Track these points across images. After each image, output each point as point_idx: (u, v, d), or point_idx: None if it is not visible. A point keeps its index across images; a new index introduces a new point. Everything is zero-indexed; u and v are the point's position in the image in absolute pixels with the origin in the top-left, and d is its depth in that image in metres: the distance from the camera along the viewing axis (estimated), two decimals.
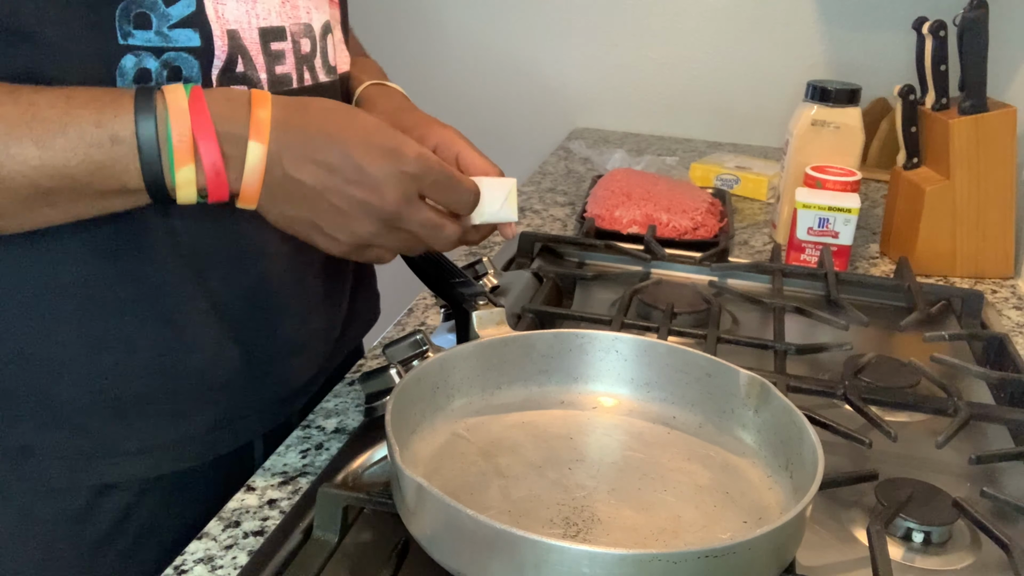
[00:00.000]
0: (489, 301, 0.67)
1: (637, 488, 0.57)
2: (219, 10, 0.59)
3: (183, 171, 0.53)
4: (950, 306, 0.97)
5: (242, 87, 0.61)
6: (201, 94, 0.54)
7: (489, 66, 1.78)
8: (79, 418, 0.63)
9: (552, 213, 1.26)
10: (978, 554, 0.59)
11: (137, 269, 0.61)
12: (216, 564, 0.56)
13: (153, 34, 0.57)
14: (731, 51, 1.64)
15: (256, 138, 0.54)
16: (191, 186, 0.54)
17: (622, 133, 1.74)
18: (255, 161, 0.54)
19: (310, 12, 0.68)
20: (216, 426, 0.68)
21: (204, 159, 0.53)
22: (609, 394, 0.65)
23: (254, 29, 0.62)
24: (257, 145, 0.54)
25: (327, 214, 0.56)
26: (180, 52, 0.58)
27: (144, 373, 0.63)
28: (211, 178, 0.53)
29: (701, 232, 1.12)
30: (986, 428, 0.74)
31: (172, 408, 0.66)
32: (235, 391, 0.68)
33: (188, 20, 0.58)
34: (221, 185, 0.54)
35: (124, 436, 0.64)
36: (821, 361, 0.84)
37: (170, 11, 0.57)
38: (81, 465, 0.64)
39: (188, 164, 0.53)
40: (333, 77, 0.72)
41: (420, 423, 0.59)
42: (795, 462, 0.56)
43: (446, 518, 0.46)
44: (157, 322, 0.63)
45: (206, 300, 0.65)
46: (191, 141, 0.53)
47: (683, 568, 0.44)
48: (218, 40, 0.60)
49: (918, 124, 1.12)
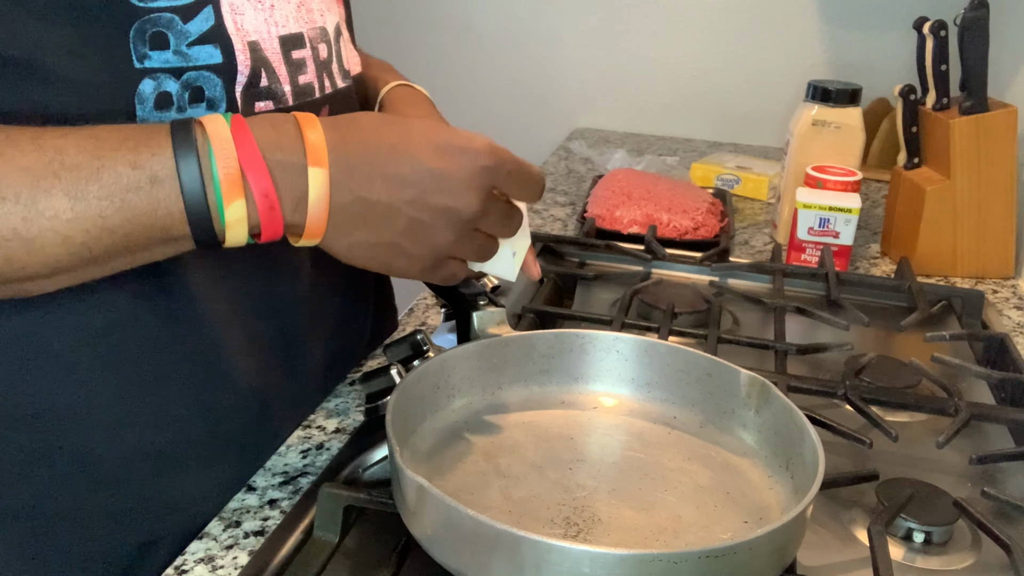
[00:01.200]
0: (490, 301, 0.67)
1: (638, 488, 0.57)
2: (238, 21, 0.55)
3: (233, 207, 0.48)
4: (951, 306, 0.97)
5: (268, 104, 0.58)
6: (243, 121, 0.49)
7: (489, 66, 1.78)
8: (119, 473, 0.58)
9: (552, 213, 1.26)
10: (979, 554, 0.59)
11: (171, 307, 0.57)
12: (216, 564, 0.55)
13: (171, 54, 0.52)
14: (731, 51, 1.64)
15: (315, 163, 0.49)
16: (242, 224, 0.49)
17: (622, 133, 1.74)
18: (319, 189, 0.49)
19: (324, 15, 0.64)
20: (257, 462, 0.65)
21: (255, 191, 0.48)
22: (610, 394, 0.65)
23: (274, 38, 0.58)
24: (318, 171, 0.49)
25: (407, 230, 0.53)
26: (201, 71, 0.54)
27: (183, 416, 0.60)
28: (264, 212, 0.49)
29: (702, 232, 1.12)
30: (987, 428, 0.74)
31: (213, 451, 0.62)
32: (268, 423, 0.66)
33: (207, 35, 0.53)
34: (275, 220, 0.49)
35: (166, 487, 0.60)
36: (822, 361, 0.84)
37: (188, 27, 0.53)
38: (123, 524, 0.60)
39: (238, 199, 0.48)
40: (348, 82, 0.69)
41: (420, 423, 0.59)
42: (796, 462, 0.56)
43: (446, 518, 0.46)
44: (192, 362, 0.59)
45: (241, 333, 0.61)
46: (239, 173, 0.48)
47: (684, 568, 0.43)
48: (240, 55, 0.55)
49: (919, 124, 1.11)
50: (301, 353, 0.68)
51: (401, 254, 0.54)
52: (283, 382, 0.66)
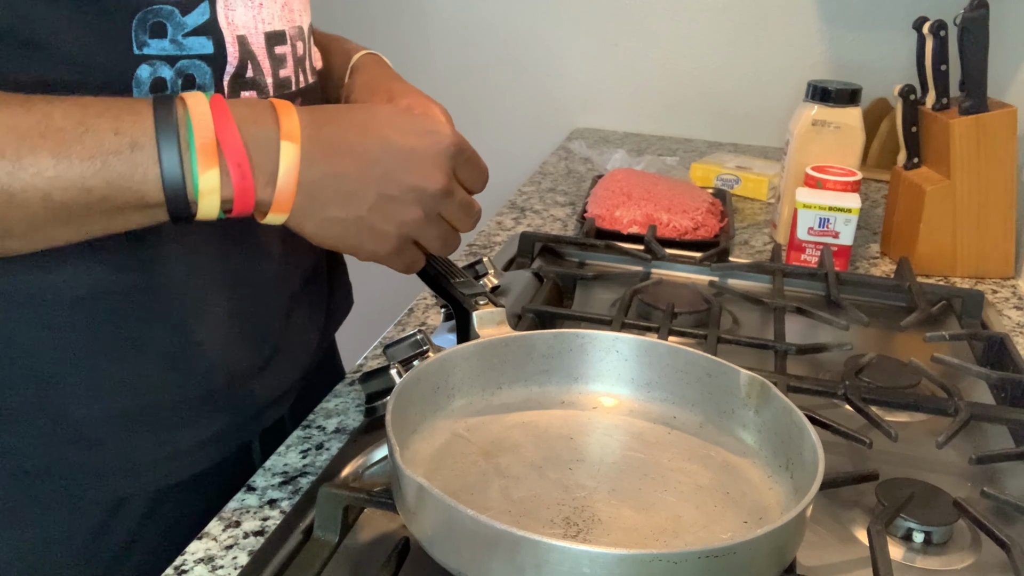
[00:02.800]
0: (489, 301, 0.67)
1: (638, 488, 0.57)
2: (229, 16, 0.59)
3: (207, 176, 0.50)
4: (951, 306, 0.97)
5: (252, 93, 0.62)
6: (223, 99, 0.52)
7: (489, 66, 1.78)
8: (94, 433, 0.61)
9: (552, 213, 1.26)
10: (979, 554, 0.59)
11: (146, 278, 0.60)
12: (216, 564, 0.55)
13: (168, 43, 0.56)
14: (731, 51, 1.64)
15: (287, 138, 0.52)
16: (215, 195, 0.51)
17: (622, 133, 1.74)
18: (290, 162, 0.52)
19: (301, 15, 0.68)
20: (223, 429, 0.68)
21: (230, 161, 0.51)
22: (609, 394, 0.65)
23: (260, 34, 0.62)
24: (290, 145, 0.52)
25: (376, 207, 0.55)
26: (194, 60, 0.57)
27: (156, 381, 0.62)
28: (237, 182, 0.51)
29: (701, 232, 1.12)
30: (986, 428, 0.74)
31: (182, 415, 0.65)
32: (237, 392, 0.68)
33: (202, 28, 0.57)
34: (247, 191, 0.52)
35: (138, 448, 0.63)
36: (821, 361, 0.84)
37: (186, 20, 0.57)
38: (97, 481, 0.62)
39: (212, 168, 0.50)
40: (315, 78, 0.72)
41: (420, 423, 0.59)
42: (796, 462, 0.56)
43: (446, 518, 0.46)
44: (167, 329, 0.62)
45: (216, 303, 0.64)
46: (214, 143, 0.50)
47: (683, 568, 0.43)
48: (230, 47, 0.59)
49: (918, 124, 1.11)
50: (269, 325, 0.69)
51: (369, 232, 0.56)
52: (252, 353, 0.68)
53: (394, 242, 0.57)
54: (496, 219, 1.22)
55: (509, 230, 1.18)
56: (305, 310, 0.76)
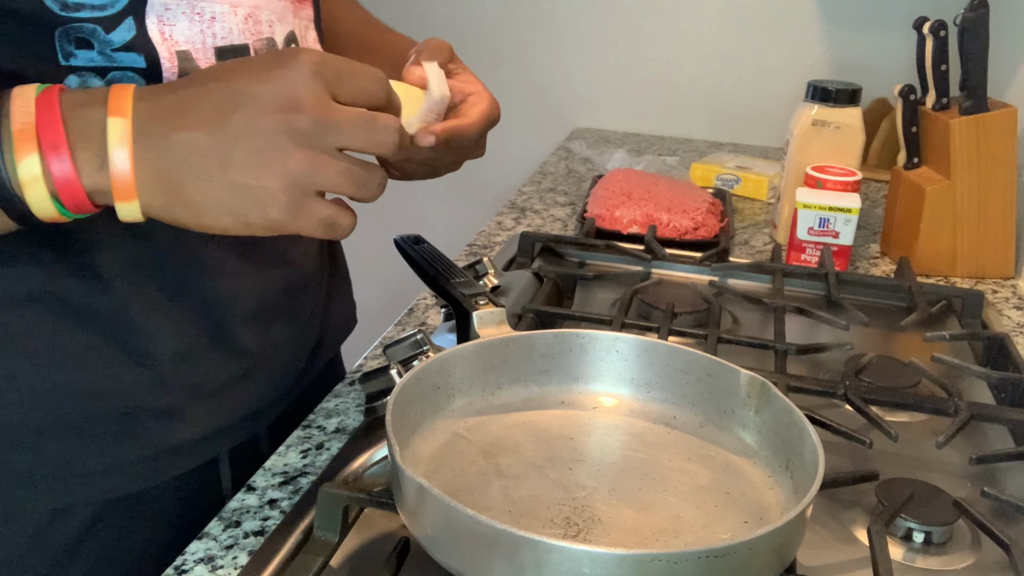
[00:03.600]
0: (489, 301, 0.67)
1: (638, 488, 0.57)
2: (166, 32, 0.55)
3: (25, 164, 0.45)
4: (951, 306, 0.97)
5: None
6: (56, 88, 0.47)
7: (489, 66, 1.78)
8: (34, 439, 0.59)
9: (552, 213, 1.26)
10: (979, 554, 0.59)
11: (90, 285, 0.58)
12: (216, 564, 0.55)
13: (96, 54, 0.53)
14: (731, 51, 1.64)
15: (115, 113, 0.46)
16: (38, 184, 0.46)
17: (622, 133, 1.74)
18: (117, 137, 0.46)
19: (272, 26, 0.63)
20: (176, 445, 0.64)
21: (44, 143, 0.45)
22: (610, 394, 0.65)
23: (209, 49, 0.57)
24: (117, 120, 0.46)
25: (245, 163, 0.47)
26: (126, 71, 0.54)
27: (99, 391, 0.60)
28: (56, 168, 0.45)
29: (701, 232, 1.12)
30: (986, 428, 0.74)
31: (129, 428, 0.62)
32: (193, 409, 0.65)
33: (131, 44, 0.54)
34: (71, 177, 0.46)
35: (79, 457, 0.60)
36: (821, 361, 0.84)
37: (111, 37, 0.53)
38: (32, 489, 0.60)
39: (31, 154, 0.45)
40: None
41: (420, 423, 0.59)
42: (796, 462, 0.56)
43: (446, 518, 0.46)
44: (111, 338, 0.59)
45: (162, 315, 0.61)
46: (32, 127, 0.45)
47: (684, 568, 0.43)
48: (166, 62, 0.55)
49: (918, 124, 1.11)
50: (229, 343, 0.66)
51: (249, 197, 0.47)
52: (208, 371, 0.65)
53: (284, 199, 0.47)
54: (496, 219, 1.22)
55: (509, 230, 1.18)
56: (287, 327, 0.71)
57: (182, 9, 0.56)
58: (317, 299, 0.77)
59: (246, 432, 0.70)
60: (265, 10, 0.62)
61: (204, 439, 0.66)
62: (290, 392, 0.75)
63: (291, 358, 0.74)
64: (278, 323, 0.70)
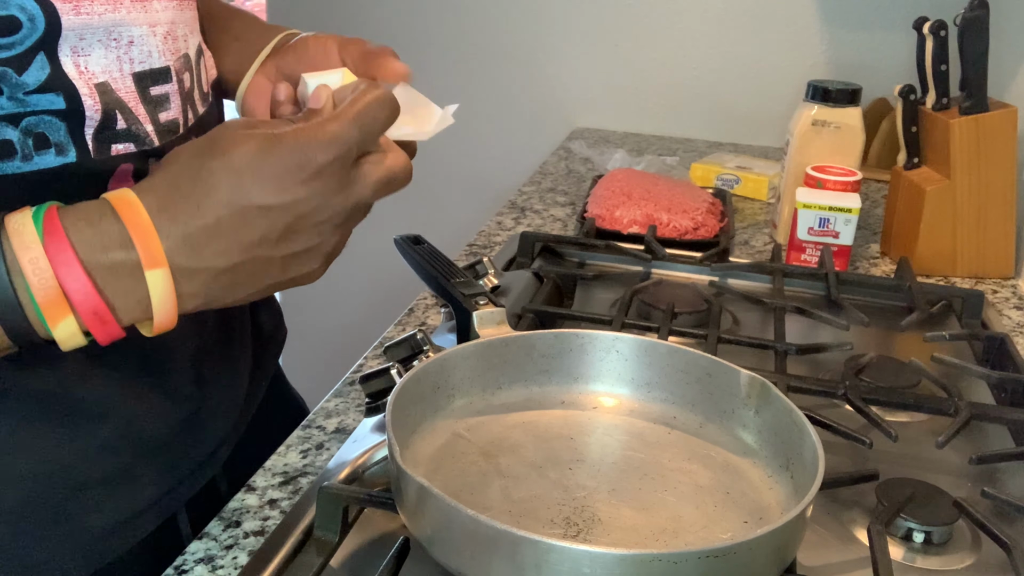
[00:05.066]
0: (489, 301, 0.67)
1: (638, 488, 0.57)
2: (81, 64, 0.50)
3: (61, 326, 0.44)
4: (951, 306, 0.97)
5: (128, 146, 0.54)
6: (57, 223, 0.44)
7: (489, 66, 1.78)
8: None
9: (552, 213, 1.26)
10: (979, 554, 0.59)
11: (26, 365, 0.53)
12: (216, 564, 0.55)
13: (6, 100, 0.48)
14: (731, 51, 1.64)
15: (154, 265, 0.44)
16: (77, 338, 0.45)
17: (622, 133, 1.74)
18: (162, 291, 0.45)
19: (187, 39, 0.59)
20: (135, 512, 0.60)
21: (81, 311, 0.44)
22: (610, 394, 0.65)
23: (128, 76, 0.53)
24: (158, 272, 0.45)
25: (290, 265, 0.49)
26: (42, 116, 0.49)
27: (27, 475, 0.55)
28: (95, 327, 0.45)
29: (702, 232, 1.12)
30: (986, 428, 0.74)
31: (71, 508, 0.57)
32: (147, 469, 0.61)
33: (47, 84, 0.49)
34: (112, 331, 0.45)
35: (29, 545, 0.55)
36: (822, 361, 0.84)
37: (24, 79, 0.48)
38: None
39: (65, 317, 0.44)
40: (207, 103, 0.64)
41: (420, 423, 0.59)
42: (796, 462, 0.56)
43: (447, 518, 0.46)
44: (39, 415, 0.54)
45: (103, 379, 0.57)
46: (59, 293, 0.43)
47: (684, 568, 0.43)
48: (87, 99, 0.51)
49: (919, 124, 1.11)
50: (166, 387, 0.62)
51: (294, 280, 0.50)
52: (149, 428, 0.61)
53: (324, 268, 0.51)
54: (496, 219, 1.22)
55: (509, 230, 1.18)
56: (221, 363, 0.68)
57: (98, 37, 0.51)
58: (243, 321, 0.74)
59: (202, 479, 0.66)
60: (180, 24, 0.59)
61: (159, 499, 0.62)
62: (237, 426, 0.71)
63: (231, 391, 0.70)
64: (211, 358, 0.67)
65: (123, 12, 0.53)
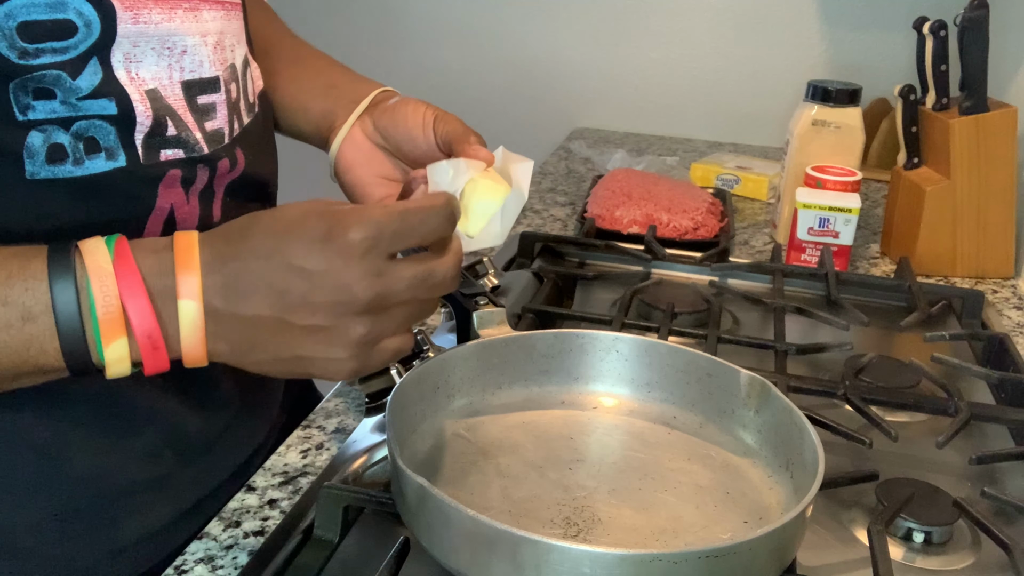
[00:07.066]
0: (489, 301, 0.67)
1: (638, 488, 0.57)
2: (132, 71, 0.51)
3: (113, 347, 0.45)
4: (950, 306, 0.97)
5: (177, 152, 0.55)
6: (128, 249, 0.46)
7: (489, 66, 1.78)
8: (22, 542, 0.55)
9: (552, 213, 1.26)
10: (979, 554, 0.59)
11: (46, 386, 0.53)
12: (216, 564, 0.55)
13: (59, 104, 0.49)
14: (731, 51, 1.64)
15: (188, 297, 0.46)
16: (124, 363, 0.46)
17: (623, 133, 1.74)
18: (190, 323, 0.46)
19: (234, 49, 0.60)
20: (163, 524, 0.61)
21: (138, 332, 0.45)
22: (610, 394, 0.65)
23: (176, 84, 0.54)
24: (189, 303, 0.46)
25: (308, 339, 0.47)
26: (93, 120, 0.50)
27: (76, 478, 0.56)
28: (146, 351, 0.46)
29: (701, 232, 1.12)
30: (986, 428, 0.74)
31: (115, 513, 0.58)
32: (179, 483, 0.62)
33: (99, 89, 0.50)
34: (160, 359, 0.47)
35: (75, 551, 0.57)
36: (821, 361, 0.84)
37: (78, 83, 0.49)
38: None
39: (119, 337, 0.45)
40: (253, 113, 0.65)
41: (420, 423, 0.59)
42: (796, 462, 0.56)
43: (447, 518, 0.46)
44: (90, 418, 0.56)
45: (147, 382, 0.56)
46: (120, 312, 0.45)
47: (684, 568, 0.43)
48: (138, 104, 0.52)
49: (918, 124, 1.11)
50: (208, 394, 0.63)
51: (318, 365, 0.49)
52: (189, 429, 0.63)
53: (352, 362, 0.49)
54: None
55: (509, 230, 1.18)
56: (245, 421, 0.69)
57: (151, 45, 0.53)
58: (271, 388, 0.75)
59: (235, 487, 0.65)
60: (228, 34, 0.59)
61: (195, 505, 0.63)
62: (271, 434, 0.72)
63: (269, 395, 0.72)
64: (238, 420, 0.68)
65: (177, 22, 0.54)
